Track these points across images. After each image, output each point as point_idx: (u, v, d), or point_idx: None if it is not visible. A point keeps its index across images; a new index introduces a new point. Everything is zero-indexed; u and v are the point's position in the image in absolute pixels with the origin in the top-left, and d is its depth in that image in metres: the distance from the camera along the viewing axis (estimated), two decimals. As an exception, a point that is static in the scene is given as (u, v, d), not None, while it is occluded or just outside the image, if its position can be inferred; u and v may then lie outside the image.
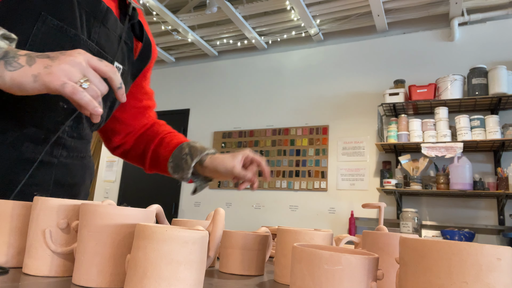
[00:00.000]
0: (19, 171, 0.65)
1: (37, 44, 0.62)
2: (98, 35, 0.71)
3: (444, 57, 3.51)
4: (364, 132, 3.68)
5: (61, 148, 0.71)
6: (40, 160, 0.67)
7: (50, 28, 0.63)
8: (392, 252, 0.57)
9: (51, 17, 0.63)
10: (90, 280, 0.45)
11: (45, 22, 0.62)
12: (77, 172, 0.77)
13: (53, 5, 0.62)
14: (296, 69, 4.18)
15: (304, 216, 3.74)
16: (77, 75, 0.51)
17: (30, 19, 0.61)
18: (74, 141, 0.74)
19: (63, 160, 0.72)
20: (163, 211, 0.58)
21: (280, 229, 0.62)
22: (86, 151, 0.80)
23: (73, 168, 0.76)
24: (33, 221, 0.51)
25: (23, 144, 0.65)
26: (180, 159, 0.85)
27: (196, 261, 0.42)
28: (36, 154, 0.66)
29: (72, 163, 0.75)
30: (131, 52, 0.82)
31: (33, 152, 0.66)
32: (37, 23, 0.61)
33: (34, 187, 0.68)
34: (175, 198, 4.42)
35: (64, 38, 0.64)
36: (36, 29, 0.61)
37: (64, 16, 0.64)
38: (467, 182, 2.92)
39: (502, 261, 0.34)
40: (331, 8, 3.65)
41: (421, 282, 0.37)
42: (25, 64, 0.50)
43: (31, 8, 0.61)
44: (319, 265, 0.39)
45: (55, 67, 0.51)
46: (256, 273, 0.66)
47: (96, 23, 0.70)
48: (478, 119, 3.03)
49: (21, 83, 0.50)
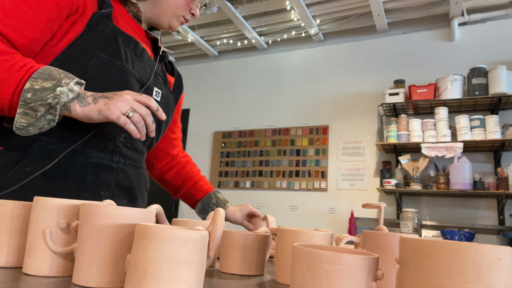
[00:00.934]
0: (87, 172, 0.82)
1: (93, 74, 0.81)
2: (138, 66, 0.91)
3: (444, 57, 3.51)
4: (364, 132, 3.68)
5: (119, 156, 0.89)
6: (102, 164, 0.85)
7: (102, 62, 0.82)
8: (392, 252, 0.57)
9: (103, 54, 0.82)
10: (90, 280, 0.45)
11: (99, 58, 0.82)
12: (133, 177, 0.94)
13: (105, 46, 0.83)
14: (296, 69, 4.18)
15: (304, 216, 3.74)
16: (126, 108, 0.72)
17: (88, 57, 0.80)
18: (129, 151, 0.92)
19: (121, 166, 0.90)
20: (163, 211, 0.58)
21: (280, 229, 0.62)
22: (140, 162, 0.97)
23: (129, 173, 0.93)
24: (33, 221, 0.51)
25: (89, 151, 0.83)
26: (208, 206, 1.22)
27: (196, 261, 0.42)
28: (99, 159, 0.84)
29: (128, 169, 0.92)
30: (166, 84, 1.04)
31: (97, 158, 0.84)
32: (93, 59, 0.81)
33: (99, 186, 0.84)
34: (175, 198, 4.42)
35: (114, 68, 0.84)
36: (93, 63, 0.81)
37: (112, 53, 0.84)
38: (467, 182, 2.92)
39: (502, 261, 0.34)
40: (331, 8, 3.65)
41: (421, 282, 0.37)
42: (91, 102, 0.71)
43: (89, 49, 0.81)
44: (319, 265, 0.39)
45: (112, 105, 0.71)
46: (256, 273, 0.66)
47: (136, 58, 0.91)
48: (478, 119, 3.04)
49: (89, 115, 0.71)
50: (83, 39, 0.81)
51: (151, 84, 0.95)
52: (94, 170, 0.83)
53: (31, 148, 0.78)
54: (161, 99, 0.99)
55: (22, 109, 0.67)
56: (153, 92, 0.96)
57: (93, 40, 0.82)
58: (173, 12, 0.96)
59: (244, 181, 4.08)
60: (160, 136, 1.04)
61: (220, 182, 4.21)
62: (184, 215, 4.35)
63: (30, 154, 0.77)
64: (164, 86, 1.02)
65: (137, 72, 0.91)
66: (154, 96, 0.96)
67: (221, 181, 4.20)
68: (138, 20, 0.96)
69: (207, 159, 4.37)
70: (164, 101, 1.01)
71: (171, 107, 1.06)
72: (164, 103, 1.01)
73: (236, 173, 4.14)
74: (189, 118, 4.61)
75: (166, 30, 4.26)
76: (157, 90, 0.97)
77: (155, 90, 0.96)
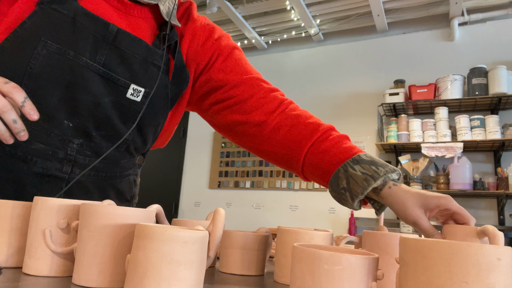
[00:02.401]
0: (28, 184, 0.69)
1: (37, 67, 0.66)
2: (105, 57, 0.71)
3: (444, 57, 3.51)
4: (364, 132, 3.68)
5: (72, 165, 0.72)
6: (49, 175, 0.70)
7: (50, 51, 0.66)
8: (392, 252, 0.57)
9: (51, 42, 0.66)
10: (90, 280, 0.45)
11: (45, 47, 0.66)
12: (94, 190, 0.77)
13: (56, 31, 0.67)
14: (296, 69, 4.18)
15: (304, 216, 3.74)
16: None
17: (31, 45, 0.65)
18: (89, 159, 0.74)
19: (74, 176, 0.73)
20: (163, 211, 0.58)
21: (280, 229, 0.62)
22: (112, 171, 0.78)
23: (89, 185, 0.76)
24: (33, 221, 0.51)
25: (32, 159, 0.69)
26: (339, 194, 0.67)
27: (196, 261, 0.42)
28: (44, 169, 0.70)
29: (86, 180, 0.75)
30: (165, 75, 0.78)
31: (42, 167, 0.70)
32: (37, 48, 0.65)
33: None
34: (175, 198, 4.42)
35: (63, 60, 0.67)
36: (36, 53, 0.65)
37: (64, 40, 0.67)
38: (467, 182, 2.92)
39: (502, 261, 0.34)
40: (331, 8, 3.64)
41: (421, 282, 0.37)
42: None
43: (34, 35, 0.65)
44: (319, 265, 0.39)
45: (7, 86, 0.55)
46: (256, 273, 0.66)
47: (105, 45, 0.71)
48: (478, 119, 3.03)
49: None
50: (30, 23, 0.66)
51: (124, 80, 0.73)
52: (37, 181, 0.69)
53: None
54: (142, 99, 0.75)
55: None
56: (128, 90, 0.73)
57: (42, 24, 0.66)
58: None
59: (244, 181, 4.08)
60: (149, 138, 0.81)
61: (220, 182, 4.21)
62: (184, 215, 4.35)
63: None
64: (154, 80, 0.76)
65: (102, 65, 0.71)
66: (130, 96, 0.73)
67: (221, 181, 4.20)
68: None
69: (207, 159, 4.37)
70: (151, 101, 0.76)
71: (164, 106, 0.80)
72: (151, 102, 0.76)
73: (236, 173, 4.14)
74: (189, 118, 4.60)
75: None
76: (135, 87, 0.74)
77: (131, 88, 0.73)
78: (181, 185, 4.46)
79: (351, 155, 0.67)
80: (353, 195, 0.64)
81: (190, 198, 4.37)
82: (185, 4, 0.86)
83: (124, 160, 0.80)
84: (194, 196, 4.35)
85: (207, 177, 4.30)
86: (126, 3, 0.75)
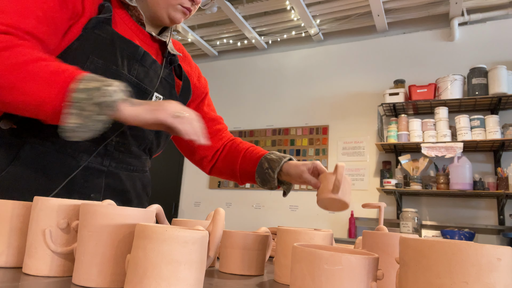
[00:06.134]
0: (76, 175, 0.82)
1: None
2: (137, 71, 0.89)
3: (444, 57, 3.51)
4: (364, 132, 3.68)
5: (110, 159, 0.88)
6: (92, 167, 0.84)
7: (96, 66, 0.81)
8: (392, 252, 0.57)
9: (97, 59, 0.81)
10: (90, 280, 0.45)
11: (93, 63, 0.81)
12: (126, 181, 0.92)
13: (100, 50, 0.82)
14: (296, 69, 4.18)
15: (304, 216, 3.74)
16: (178, 109, 0.74)
17: (82, 61, 0.80)
18: (122, 154, 0.90)
19: (112, 169, 0.88)
20: (163, 211, 0.58)
21: (280, 229, 0.62)
22: (136, 165, 0.96)
23: (122, 177, 0.91)
24: (33, 221, 0.51)
25: (79, 155, 0.82)
26: (264, 174, 1.01)
27: (196, 261, 0.42)
28: (89, 162, 0.84)
29: (121, 173, 0.91)
30: (173, 89, 1.00)
31: (87, 161, 0.84)
32: (86, 63, 0.80)
33: (89, 189, 0.85)
34: (175, 198, 4.42)
35: (108, 73, 0.82)
36: (86, 68, 0.79)
37: (107, 57, 0.83)
38: (467, 182, 2.92)
39: (502, 261, 0.34)
40: (331, 8, 3.65)
41: (421, 282, 0.37)
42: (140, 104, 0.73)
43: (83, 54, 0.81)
44: (319, 265, 0.39)
45: (162, 107, 0.73)
46: (256, 273, 0.66)
47: (135, 63, 0.89)
48: (478, 119, 3.04)
49: (139, 115, 0.71)
50: (78, 44, 0.81)
51: (149, 89, 0.93)
52: (84, 173, 0.83)
53: (23, 149, 0.79)
54: None
55: (74, 111, 0.66)
56: (153, 97, 0.93)
57: (88, 44, 0.81)
58: (166, 2, 0.92)
59: (244, 181, 4.08)
60: (161, 143, 1.01)
61: (220, 182, 4.21)
62: (184, 215, 4.35)
63: (22, 155, 0.78)
64: (169, 91, 0.99)
65: (135, 76, 0.89)
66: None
67: (221, 181, 4.20)
68: (142, 24, 0.95)
69: (207, 159, 4.37)
70: None
71: None
72: None
73: (236, 173, 4.14)
74: (189, 118, 4.60)
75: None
76: (158, 95, 0.95)
77: (155, 96, 0.94)
78: (181, 185, 4.46)
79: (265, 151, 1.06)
80: (274, 168, 0.98)
81: (190, 198, 4.37)
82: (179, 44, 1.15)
83: (144, 157, 0.98)
84: (194, 196, 4.35)
85: (207, 177, 4.30)
86: (144, 33, 0.95)
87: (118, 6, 0.91)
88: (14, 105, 0.67)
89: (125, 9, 0.92)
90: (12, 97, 0.66)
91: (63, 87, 0.67)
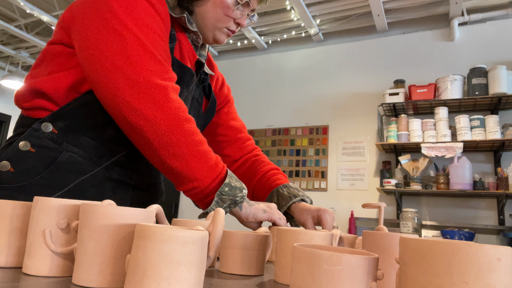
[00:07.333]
0: (107, 187, 0.86)
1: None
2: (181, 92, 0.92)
3: (444, 57, 3.51)
4: (364, 132, 3.68)
5: (138, 174, 0.92)
6: (122, 181, 0.88)
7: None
8: (392, 252, 0.57)
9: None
10: (90, 280, 0.45)
11: None
12: (150, 193, 0.98)
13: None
14: (296, 69, 4.18)
15: (304, 216, 3.74)
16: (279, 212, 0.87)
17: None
18: (148, 170, 0.94)
19: (139, 183, 0.93)
20: (163, 211, 0.58)
21: (280, 229, 0.62)
22: (156, 177, 1.00)
23: (146, 189, 0.96)
24: (33, 221, 0.51)
25: (113, 168, 0.86)
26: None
27: (196, 261, 0.42)
28: (120, 176, 0.88)
29: (145, 186, 0.96)
30: (200, 108, 1.05)
31: (118, 175, 0.87)
32: None
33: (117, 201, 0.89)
34: (175, 198, 4.42)
35: None
36: None
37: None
38: (467, 182, 2.92)
39: (502, 261, 0.34)
40: (331, 8, 3.65)
41: (421, 282, 0.37)
42: (254, 204, 0.84)
43: None
44: (319, 265, 0.39)
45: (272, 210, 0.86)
46: (256, 273, 0.66)
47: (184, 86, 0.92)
48: (478, 119, 3.04)
49: (256, 214, 0.83)
50: None
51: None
52: (113, 186, 0.87)
53: (61, 157, 0.80)
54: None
55: (216, 198, 0.77)
56: None
57: None
58: (214, 25, 0.95)
59: (244, 181, 4.08)
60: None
61: (220, 182, 4.21)
62: (184, 215, 4.35)
63: (59, 163, 0.80)
64: (198, 111, 1.03)
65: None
66: None
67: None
68: (195, 46, 0.99)
69: (207, 159, 4.37)
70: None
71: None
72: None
73: (236, 173, 4.14)
74: (189, 118, 4.61)
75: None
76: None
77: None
78: (181, 185, 4.45)
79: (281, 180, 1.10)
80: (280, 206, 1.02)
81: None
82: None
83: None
84: (194, 196, 4.35)
85: (207, 177, 4.30)
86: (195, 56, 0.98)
87: (179, 30, 0.94)
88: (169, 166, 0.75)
89: (184, 31, 0.96)
90: (173, 162, 0.74)
91: (218, 177, 0.77)
